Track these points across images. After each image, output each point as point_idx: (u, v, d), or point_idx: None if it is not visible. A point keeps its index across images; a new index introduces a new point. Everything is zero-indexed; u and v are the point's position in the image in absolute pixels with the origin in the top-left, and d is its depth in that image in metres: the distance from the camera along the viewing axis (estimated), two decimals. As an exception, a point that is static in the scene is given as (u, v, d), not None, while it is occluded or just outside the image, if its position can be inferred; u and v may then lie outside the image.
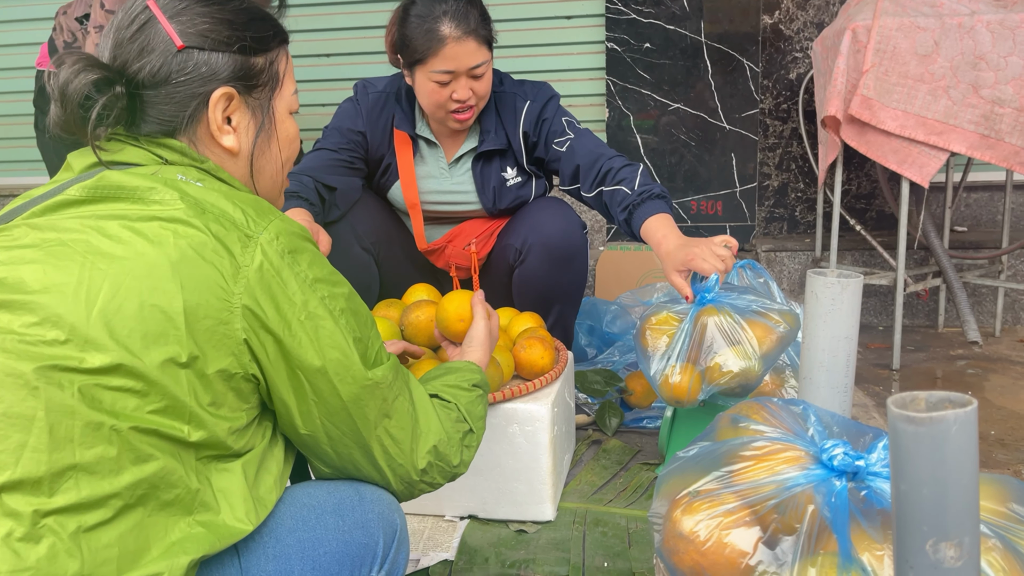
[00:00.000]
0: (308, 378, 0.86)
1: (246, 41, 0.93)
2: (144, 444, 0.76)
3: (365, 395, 0.89)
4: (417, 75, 1.81)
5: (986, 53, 2.16)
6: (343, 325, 0.88)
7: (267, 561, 0.86)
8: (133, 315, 0.77)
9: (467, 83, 1.78)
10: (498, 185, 1.95)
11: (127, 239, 0.80)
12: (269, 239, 0.84)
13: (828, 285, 1.14)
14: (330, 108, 3.34)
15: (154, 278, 0.78)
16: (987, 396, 2.22)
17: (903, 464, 0.58)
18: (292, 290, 0.84)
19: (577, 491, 1.65)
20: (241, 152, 0.96)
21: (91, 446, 0.74)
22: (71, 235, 0.80)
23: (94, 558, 0.72)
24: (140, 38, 0.88)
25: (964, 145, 2.21)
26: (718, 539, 0.86)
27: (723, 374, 1.43)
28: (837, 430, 0.98)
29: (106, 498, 0.74)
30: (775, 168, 3.14)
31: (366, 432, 0.91)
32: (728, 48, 2.98)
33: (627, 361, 2.23)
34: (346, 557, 0.91)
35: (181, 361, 0.78)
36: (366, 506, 0.94)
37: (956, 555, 0.58)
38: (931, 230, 2.61)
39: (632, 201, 1.72)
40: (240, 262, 0.82)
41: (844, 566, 0.81)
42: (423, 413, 0.98)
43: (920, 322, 2.96)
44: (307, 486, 0.95)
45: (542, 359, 1.57)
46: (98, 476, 0.74)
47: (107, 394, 0.75)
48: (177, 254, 0.79)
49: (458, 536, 1.49)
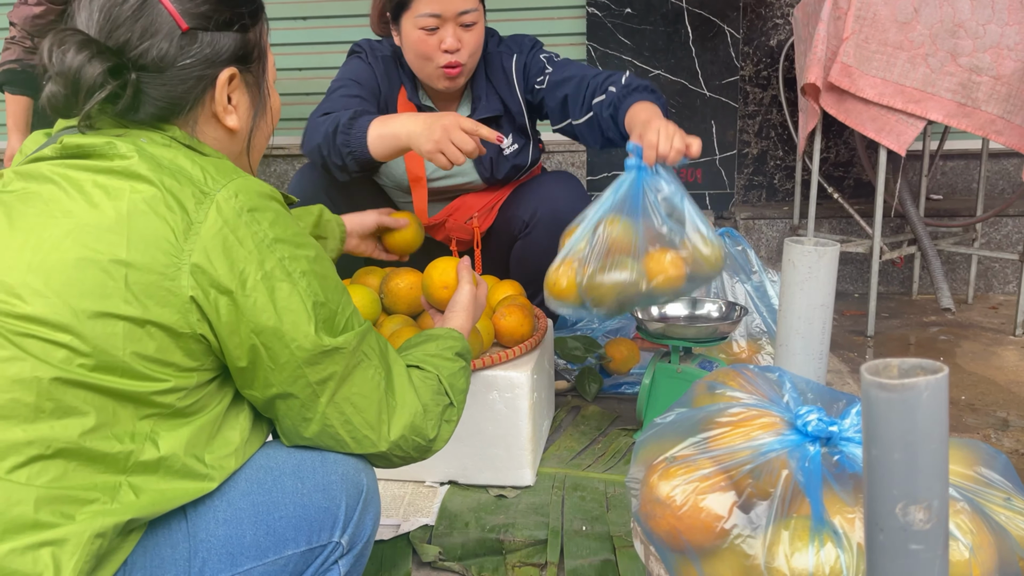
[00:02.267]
0: (263, 340, 0.84)
1: (244, 19, 0.92)
2: (70, 396, 0.76)
3: (324, 359, 0.87)
4: (404, 25, 1.74)
5: (965, 21, 2.16)
6: (303, 288, 0.86)
7: (217, 525, 0.85)
8: (72, 266, 0.77)
9: (456, 31, 1.71)
10: (495, 155, 1.90)
11: (85, 191, 0.80)
12: (227, 196, 0.83)
13: (805, 253, 1.15)
14: (307, 72, 3.30)
15: (100, 230, 0.79)
16: (959, 362, 2.26)
17: (875, 429, 0.59)
18: (248, 249, 0.83)
19: (556, 456, 1.67)
20: (241, 130, 0.96)
21: (6, 390, 0.74)
22: (43, 184, 0.82)
23: (8, 498, 0.72)
24: (141, 19, 0.84)
25: (941, 113, 2.23)
26: (694, 504, 0.88)
27: (599, 286, 1.37)
28: (811, 396, 1.00)
29: (18, 445, 0.73)
30: (755, 136, 3.15)
31: (324, 398, 0.89)
32: (709, 14, 2.96)
33: (606, 328, 2.24)
34: (303, 521, 0.90)
35: (120, 314, 0.78)
36: (328, 467, 0.92)
37: (925, 518, 0.59)
38: (907, 198, 2.63)
39: (617, 96, 1.64)
40: (193, 219, 0.81)
41: (816, 529, 0.83)
42: (400, 386, 0.96)
43: (895, 289, 3.00)
44: (268, 447, 0.94)
45: (522, 327, 1.58)
46: (11, 421, 0.74)
47: (35, 343, 0.75)
48: (128, 208, 0.79)
49: (438, 501, 1.51)
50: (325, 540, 0.92)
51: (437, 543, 1.38)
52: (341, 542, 0.94)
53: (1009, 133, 2.22)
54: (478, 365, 1.49)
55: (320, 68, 3.29)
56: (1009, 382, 2.11)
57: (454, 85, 1.79)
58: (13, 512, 0.72)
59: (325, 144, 1.59)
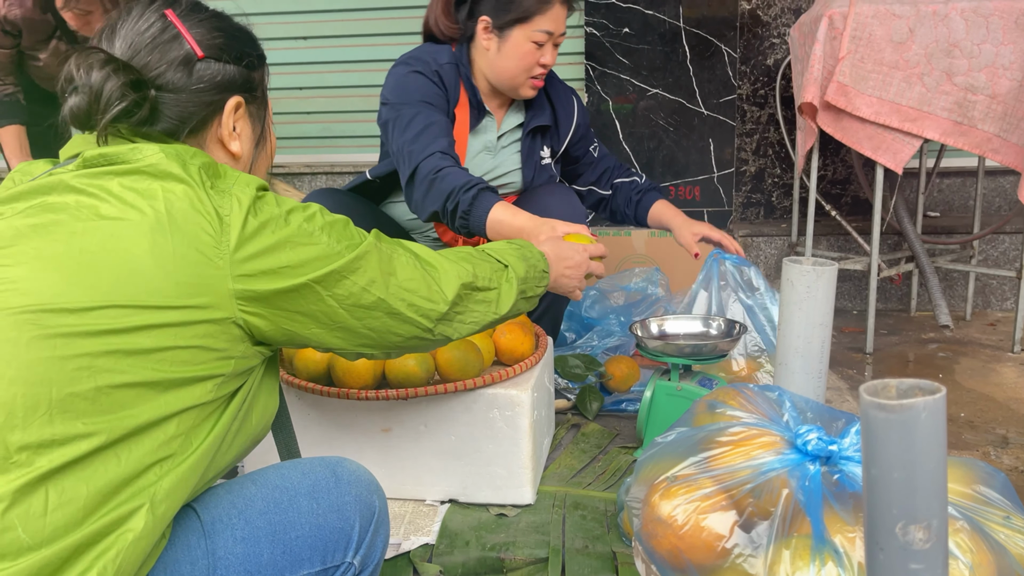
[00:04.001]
0: (314, 287, 0.89)
1: (251, 57, 1.00)
2: (124, 390, 0.77)
3: (364, 263, 0.93)
4: (514, 35, 1.82)
5: (960, 40, 2.19)
6: (325, 241, 0.91)
7: (235, 543, 0.86)
8: (120, 267, 0.80)
9: (552, 49, 1.86)
10: (537, 162, 2.01)
11: (117, 194, 0.83)
12: (241, 188, 0.88)
13: (803, 273, 1.16)
14: (307, 91, 3.32)
15: (142, 230, 0.81)
16: (957, 379, 2.27)
17: (874, 449, 0.60)
18: (274, 227, 0.87)
19: (556, 475, 1.67)
20: (243, 158, 1.02)
21: (68, 385, 0.75)
22: (66, 195, 0.84)
23: (60, 496, 0.72)
24: (161, 45, 0.92)
25: (937, 132, 2.24)
26: (695, 523, 0.88)
27: None
28: (811, 415, 1.01)
29: (79, 437, 0.74)
30: (752, 154, 3.17)
31: (382, 293, 0.95)
32: (706, 33, 2.98)
33: (606, 345, 2.24)
34: (318, 541, 0.91)
35: (170, 305, 0.80)
36: (343, 488, 0.95)
37: (925, 537, 0.60)
38: (904, 215, 2.65)
39: (644, 188, 2.10)
40: (221, 212, 0.85)
41: (817, 548, 0.84)
42: (426, 257, 1.04)
43: (893, 306, 3.01)
44: (281, 467, 0.96)
45: (522, 345, 1.58)
46: (71, 415, 0.74)
47: (89, 340, 0.77)
48: (165, 206, 0.83)
49: (439, 520, 1.51)
50: (339, 560, 0.94)
51: (438, 562, 1.38)
52: (354, 563, 0.95)
53: (1005, 151, 2.24)
54: (479, 383, 1.50)
55: (320, 87, 3.31)
56: (1008, 399, 2.11)
57: (535, 94, 1.93)
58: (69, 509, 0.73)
59: (443, 215, 1.70)
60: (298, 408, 1.56)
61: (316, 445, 1.56)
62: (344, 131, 3.38)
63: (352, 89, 3.32)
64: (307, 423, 1.56)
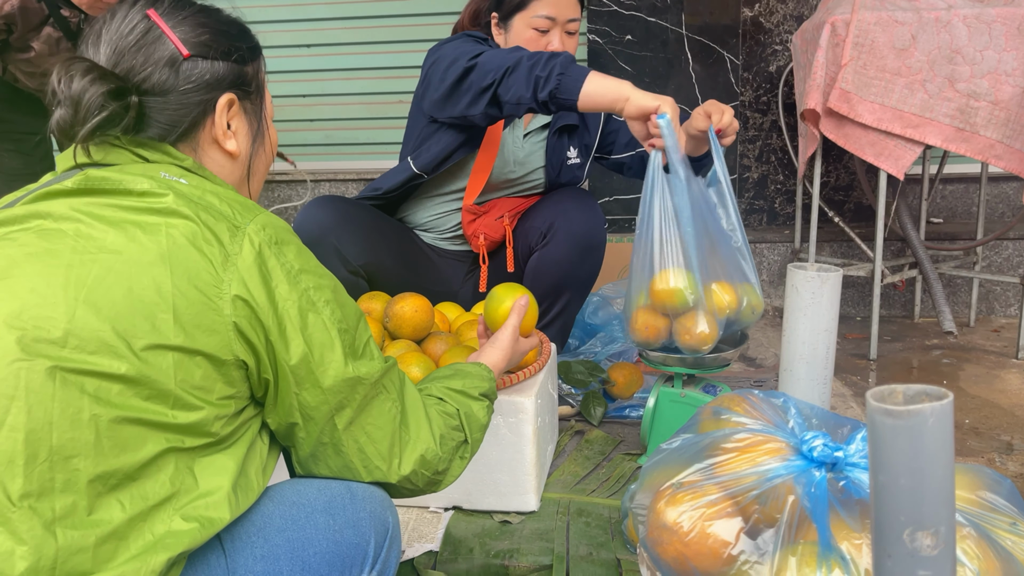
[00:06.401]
0: (291, 367, 0.86)
1: (241, 51, 0.97)
2: (128, 432, 0.76)
3: (345, 388, 0.89)
4: (515, 24, 1.83)
5: (962, 47, 2.19)
6: (327, 316, 0.88)
7: (255, 561, 0.85)
8: (121, 301, 0.78)
9: (562, 36, 1.83)
10: (563, 162, 2.01)
11: (118, 225, 0.81)
12: (256, 229, 0.85)
13: (808, 279, 1.16)
14: (310, 99, 3.33)
15: (143, 265, 0.80)
16: (961, 385, 2.26)
17: (881, 455, 0.59)
18: (279, 279, 0.85)
19: (560, 481, 1.66)
20: (240, 156, 0.99)
21: (69, 430, 0.73)
22: (64, 223, 0.82)
23: (69, 546, 0.72)
24: (145, 47, 0.90)
25: (940, 138, 2.24)
26: (701, 530, 0.88)
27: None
28: (816, 422, 1.00)
29: (84, 483, 0.73)
30: (755, 160, 3.17)
31: (341, 425, 0.91)
32: (709, 40, 2.99)
33: (609, 352, 2.24)
34: (336, 557, 0.90)
35: (170, 345, 0.78)
36: (358, 504, 0.94)
37: (932, 544, 0.60)
38: (908, 221, 2.65)
39: None
40: (229, 251, 0.83)
41: (824, 555, 0.83)
42: (415, 420, 0.97)
43: (897, 312, 3.01)
44: (297, 483, 0.95)
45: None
46: (76, 459, 0.73)
47: (89, 380, 0.75)
48: (168, 242, 0.81)
49: (442, 527, 1.50)
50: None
51: (442, 569, 1.38)
52: None
53: (1009, 157, 2.24)
54: (482, 390, 1.49)
55: (323, 95, 3.32)
56: (1013, 405, 2.10)
57: None
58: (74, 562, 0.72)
59: (521, 73, 1.58)
60: (302, 415, 1.55)
61: (320, 452, 1.55)
62: (347, 138, 3.39)
63: (355, 96, 3.33)
64: (311, 430, 1.56)
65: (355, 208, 1.94)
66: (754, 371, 2.39)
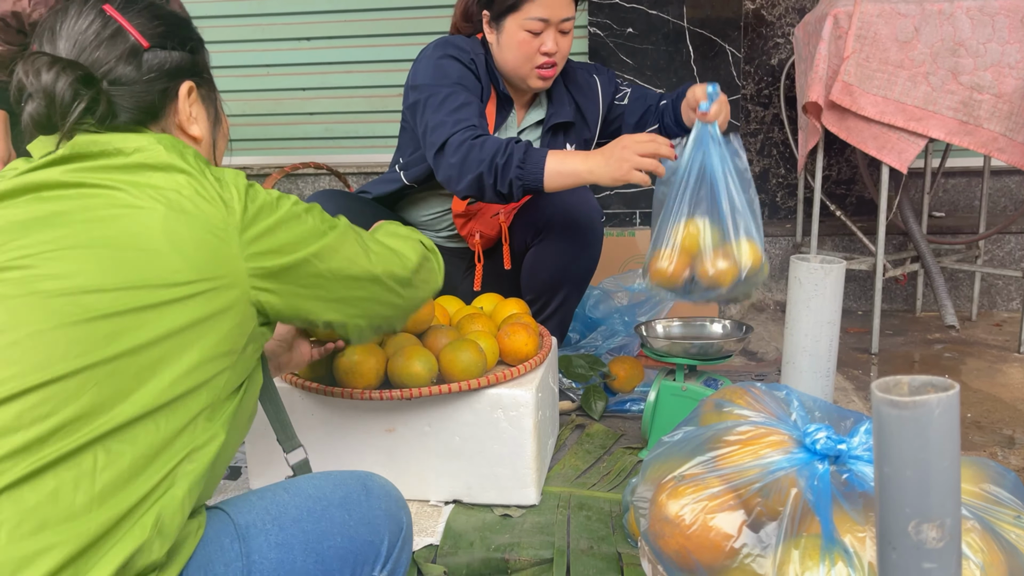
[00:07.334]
0: (316, 261, 0.94)
1: (193, 41, 1.02)
2: (162, 365, 0.79)
3: (348, 241, 0.99)
4: (507, 25, 1.80)
5: (965, 40, 2.18)
6: (312, 220, 0.96)
7: (270, 549, 0.86)
8: (143, 258, 0.80)
9: (556, 36, 1.81)
10: None
11: (123, 186, 0.84)
12: (231, 178, 0.91)
13: (811, 271, 1.15)
14: (309, 92, 3.32)
15: (155, 223, 0.82)
16: (963, 379, 2.26)
17: (887, 447, 0.59)
18: (269, 210, 0.91)
19: (561, 475, 1.66)
20: (204, 141, 1.03)
21: (110, 361, 0.76)
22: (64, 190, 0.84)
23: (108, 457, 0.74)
24: (105, 41, 0.93)
25: (943, 131, 2.23)
26: (703, 523, 0.87)
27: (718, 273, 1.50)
28: (819, 414, 1.00)
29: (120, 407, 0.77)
30: (756, 154, 3.16)
31: (370, 267, 1.01)
32: (710, 33, 2.98)
33: (610, 346, 2.24)
34: (349, 553, 0.91)
35: (195, 292, 0.82)
36: (373, 502, 0.95)
37: (938, 536, 0.59)
38: (910, 215, 2.64)
39: (672, 96, 1.96)
40: (224, 197, 0.88)
41: (827, 548, 0.83)
42: (388, 239, 1.10)
43: (898, 306, 3.00)
44: (312, 478, 0.96)
45: (526, 345, 1.58)
46: (111, 386, 0.76)
47: (125, 318, 0.78)
48: (176, 198, 0.84)
49: (443, 521, 1.50)
50: (367, 574, 0.94)
51: (442, 563, 1.37)
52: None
53: (1011, 151, 2.23)
54: (483, 383, 1.49)
55: (323, 88, 3.31)
56: (1015, 399, 2.10)
57: (546, 85, 1.88)
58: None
59: (490, 173, 1.66)
60: (302, 409, 1.55)
61: (320, 446, 1.55)
62: (347, 132, 3.38)
63: (355, 90, 3.32)
64: (311, 424, 1.55)
65: (355, 202, 1.94)
66: (756, 365, 2.38)
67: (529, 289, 1.98)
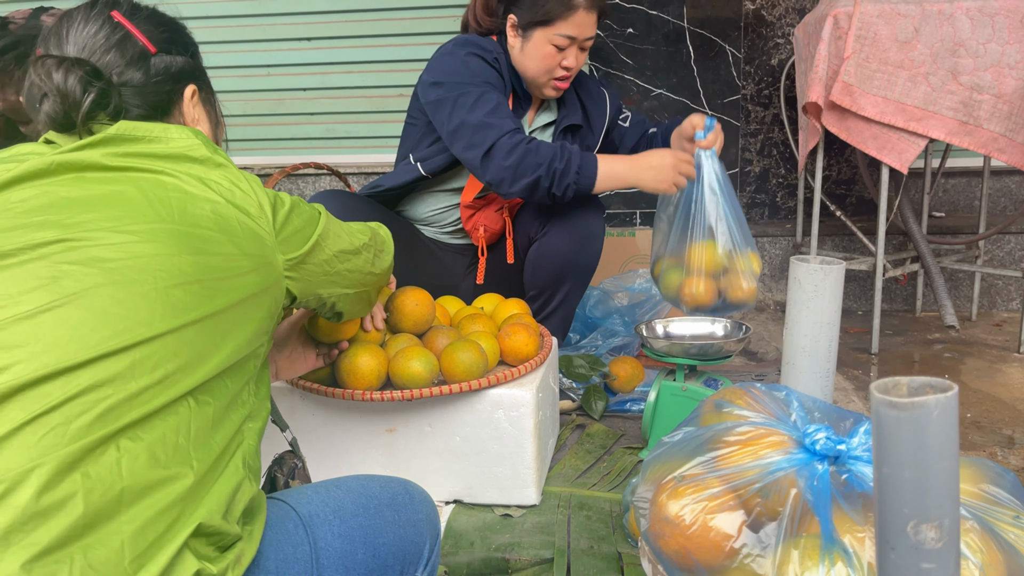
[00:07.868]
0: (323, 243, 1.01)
1: (193, 47, 1.06)
2: (227, 333, 0.83)
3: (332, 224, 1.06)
4: (535, 36, 1.84)
5: (965, 40, 2.18)
6: (307, 208, 1.02)
7: (333, 538, 0.90)
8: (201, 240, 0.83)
9: (577, 53, 1.86)
10: None
11: (170, 172, 0.87)
12: (246, 174, 0.94)
13: (811, 271, 1.15)
14: (311, 92, 3.32)
15: (202, 209, 0.85)
16: (963, 379, 2.26)
17: (885, 448, 0.59)
18: (280, 199, 0.96)
19: (561, 475, 1.66)
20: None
21: (187, 326, 0.80)
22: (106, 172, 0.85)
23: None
24: (115, 46, 0.95)
25: (943, 131, 2.24)
26: (703, 523, 0.88)
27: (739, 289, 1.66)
28: (819, 415, 1.00)
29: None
30: (756, 154, 3.16)
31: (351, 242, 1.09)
32: (710, 34, 2.98)
33: (610, 346, 2.24)
34: (400, 552, 0.94)
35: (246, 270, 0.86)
36: (416, 506, 0.99)
37: (937, 536, 0.59)
38: (910, 215, 2.64)
39: (664, 125, 2.08)
40: (256, 192, 0.92)
41: (826, 548, 0.83)
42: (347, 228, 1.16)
43: (898, 306, 3.00)
44: (357, 479, 0.99)
45: (527, 346, 1.58)
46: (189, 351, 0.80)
47: (193, 286, 0.81)
48: (215, 186, 0.88)
49: (444, 520, 1.50)
50: (412, 573, 0.97)
51: (443, 562, 1.37)
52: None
53: (1011, 151, 2.23)
54: (483, 383, 1.49)
55: (324, 88, 3.31)
56: (1014, 399, 2.10)
57: (558, 95, 1.95)
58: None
59: (548, 176, 1.75)
60: (303, 409, 1.56)
61: (321, 446, 1.55)
62: (348, 132, 3.38)
63: (356, 90, 3.32)
64: (312, 424, 1.56)
65: (357, 202, 1.94)
66: (755, 365, 2.38)
67: (532, 284, 1.99)
